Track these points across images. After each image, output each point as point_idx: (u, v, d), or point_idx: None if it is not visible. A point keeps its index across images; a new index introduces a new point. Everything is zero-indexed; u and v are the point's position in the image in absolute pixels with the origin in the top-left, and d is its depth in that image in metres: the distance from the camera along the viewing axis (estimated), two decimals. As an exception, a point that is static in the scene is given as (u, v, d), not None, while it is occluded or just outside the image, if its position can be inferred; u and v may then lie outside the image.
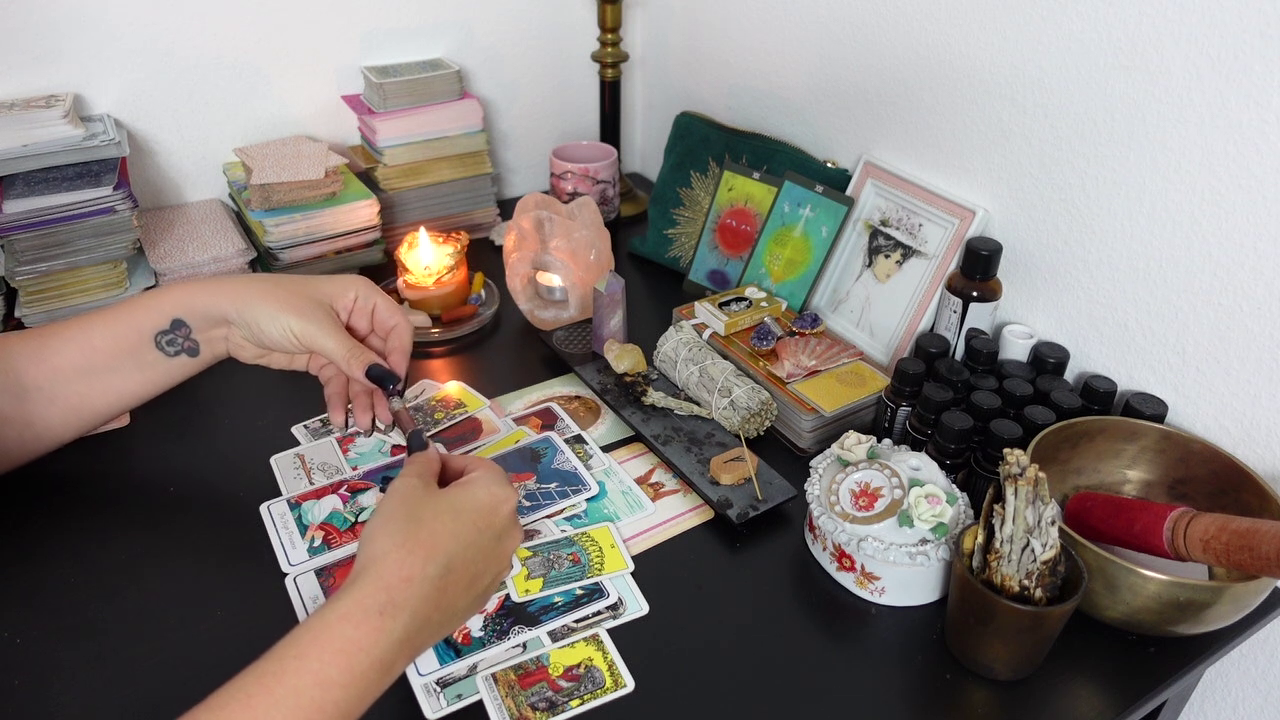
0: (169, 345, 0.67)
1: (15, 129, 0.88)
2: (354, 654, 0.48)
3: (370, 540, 0.53)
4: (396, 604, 0.50)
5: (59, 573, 0.66)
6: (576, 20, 1.26)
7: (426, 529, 0.54)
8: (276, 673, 0.46)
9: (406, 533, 0.53)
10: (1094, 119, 0.75)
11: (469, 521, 0.56)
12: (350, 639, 0.48)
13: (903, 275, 0.89)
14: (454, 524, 0.55)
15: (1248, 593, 0.59)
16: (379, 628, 0.49)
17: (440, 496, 0.56)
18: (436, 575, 0.53)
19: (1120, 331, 0.78)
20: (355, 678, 0.48)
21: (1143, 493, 0.72)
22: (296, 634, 0.48)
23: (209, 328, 0.68)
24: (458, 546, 0.54)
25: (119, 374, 0.67)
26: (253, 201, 0.97)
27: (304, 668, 0.47)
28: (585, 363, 0.89)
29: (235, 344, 0.69)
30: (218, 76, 1.06)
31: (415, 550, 0.52)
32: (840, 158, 1.02)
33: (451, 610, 0.55)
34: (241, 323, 0.66)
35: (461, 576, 0.54)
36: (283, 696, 0.45)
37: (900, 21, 0.89)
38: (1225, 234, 0.69)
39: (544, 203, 0.97)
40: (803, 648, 0.62)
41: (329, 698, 0.47)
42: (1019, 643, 0.58)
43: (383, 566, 0.51)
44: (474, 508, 0.57)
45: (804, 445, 0.81)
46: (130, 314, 0.67)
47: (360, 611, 0.49)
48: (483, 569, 0.56)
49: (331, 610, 0.49)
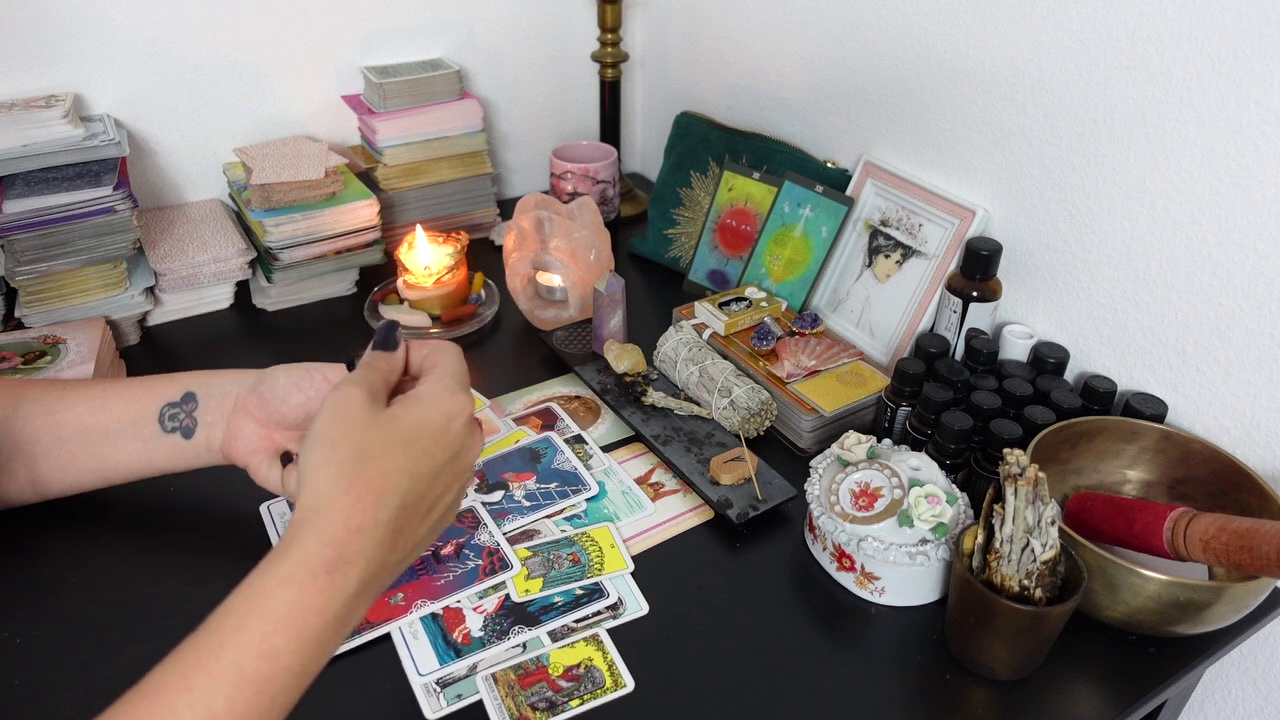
0: (169, 420, 0.63)
1: (15, 129, 0.88)
2: (302, 619, 0.43)
3: (310, 480, 0.47)
4: (347, 559, 0.45)
5: (59, 573, 0.66)
6: (576, 20, 1.26)
7: (376, 467, 0.48)
8: (214, 648, 0.41)
9: (353, 474, 0.47)
10: (1094, 119, 0.75)
11: (421, 449, 0.50)
12: (296, 603, 0.43)
13: (903, 275, 0.89)
14: (405, 457, 0.49)
15: (1248, 593, 0.59)
16: (329, 587, 0.44)
17: (387, 422, 0.50)
18: (390, 518, 0.47)
19: (1120, 331, 0.78)
20: (306, 642, 0.43)
21: (1143, 493, 0.72)
22: (232, 601, 0.43)
23: (215, 408, 0.63)
24: (411, 482, 0.49)
25: (112, 442, 0.64)
26: (253, 201, 0.97)
27: (244, 639, 0.42)
28: (585, 363, 0.89)
29: (233, 433, 0.62)
30: (218, 76, 1.06)
31: (365, 495, 0.47)
32: (840, 158, 1.02)
33: (412, 544, 0.50)
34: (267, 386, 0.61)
35: (418, 509, 0.50)
36: (223, 675, 0.41)
37: (900, 21, 0.89)
38: (1225, 234, 0.69)
39: (544, 203, 0.97)
40: (803, 648, 0.62)
41: (277, 667, 0.42)
42: (1019, 643, 0.58)
43: (327, 518, 0.46)
44: (425, 432, 0.50)
45: (804, 445, 0.81)
46: (152, 382, 0.65)
47: (305, 573, 0.44)
48: (441, 491, 0.52)
49: (271, 573, 0.44)
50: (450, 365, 0.54)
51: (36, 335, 0.85)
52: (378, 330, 0.56)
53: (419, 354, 0.56)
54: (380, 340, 0.55)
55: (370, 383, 0.52)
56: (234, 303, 1.02)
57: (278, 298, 1.01)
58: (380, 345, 0.55)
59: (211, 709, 0.40)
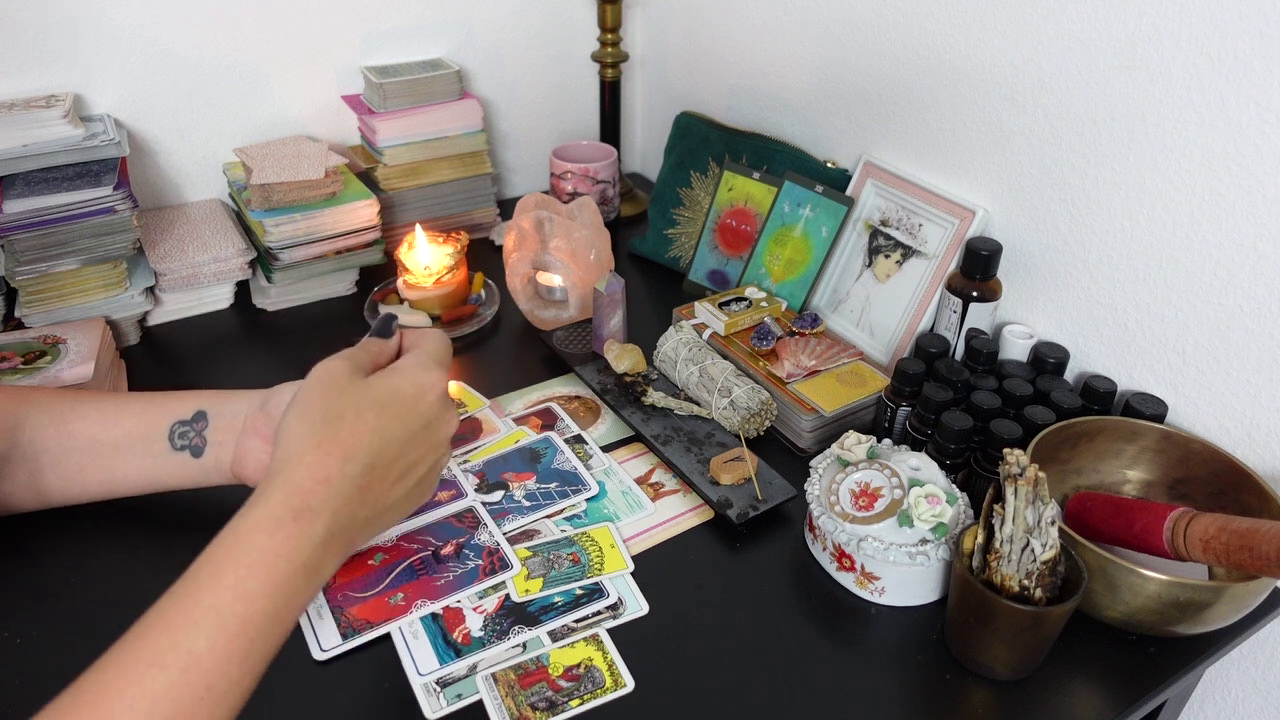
0: (179, 438, 0.64)
1: (15, 129, 0.88)
2: (273, 563, 0.46)
3: (285, 439, 0.51)
4: (312, 508, 0.49)
5: (59, 573, 0.66)
6: (576, 20, 1.26)
7: (347, 427, 0.51)
8: (193, 593, 0.44)
9: (324, 433, 0.51)
10: (1094, 119, 0.75)
11: (393, 414, 0.53)
12: (266, 548, 0.46)
13: (903, 275, 0.89)
14: (376, 420, 0.52)
15: (1248, 593, 0.59)
16: (296, 533, 0.47)
17: (363, 389, 0.54)
18: (358, 474, 0.51)
19: (1120, 331, 0.78)
20: (278, 586, 0.46)
21: (1143, 493, 0.72)
22: (210, 551, 0.46)
23: (226, 427, 0.64)
24: (380, 442, 0.52)
25: (122, 456, 0.65)
26: (253, 201, 0.97)
27: (220, 584, 0.45)
28: (585, 363, 0.89)
29: (243, 453, 0.64)
30: (218, 76, 1.06)
31: (333, 451, 0.50)
32: (840, 158, 1.02)
33: (383, 505, 0.53)
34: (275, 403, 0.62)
35: (389, 471, 0.53)
36: (202, 618, 0.43)
37: (900, 21, 0.89)
38: (1225, 234, 0.69)
39: (544, 203, 0.97)
40: (803, 648, 0.62)
41: (252, 610, 0.45)
42: (1019, 643, 0.58)
43: (295, 470, 0.49)
44: (397, 399, 0.54)
45: (804, 445, 0.81)
46: (164, 399, 0.66)
47: (272, 520, 0.47)
48: (414, 460, 0.55)
49: (243, 521, 0.47)
50: (430, 346, 0.58)
51: (36, 335, 0.85)
52: (377, 320, 0.60)
53: (408, 339, 0.60)
54: (378, 329, 0.59)
55: (355, 358, 0.55)
56: (234, 303, 1.02)
57: (278, 298, 1.01)
58: (377, 333, 0.59)
59: (193, 650, 0.42)
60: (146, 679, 0.41)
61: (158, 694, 0.41)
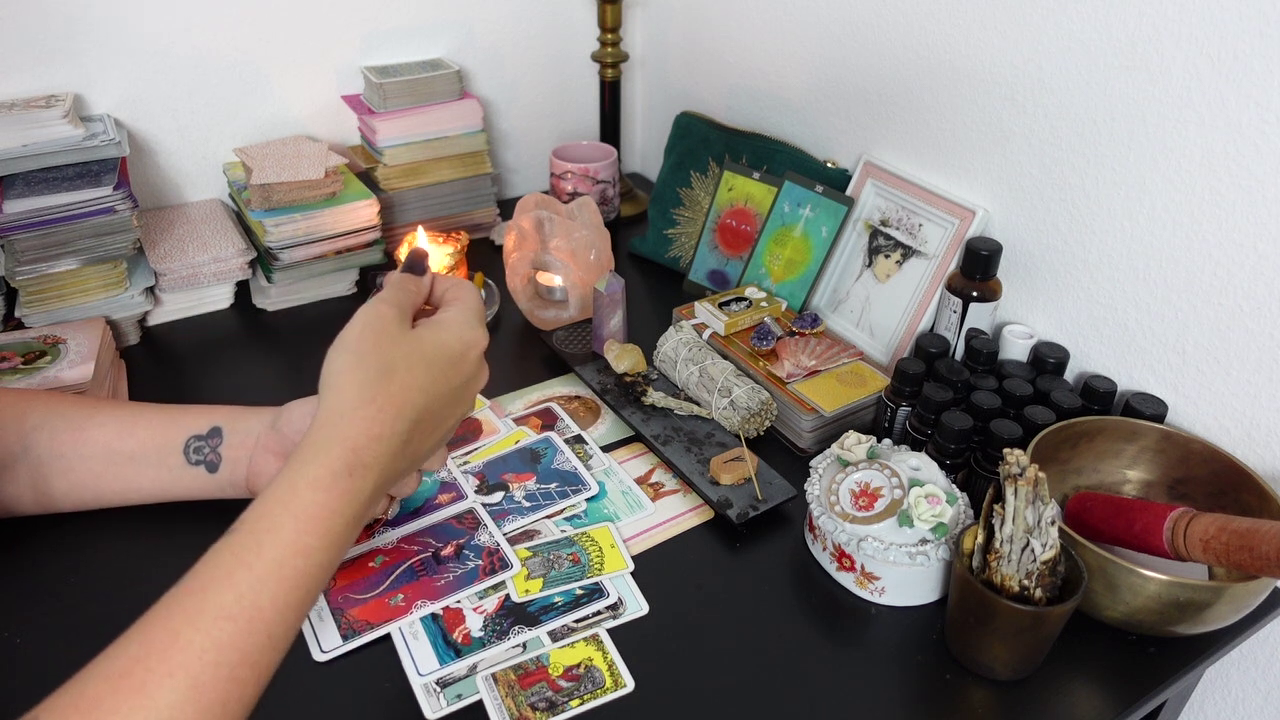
0: (194, 453, 0.65)
1: (15, 129, 0.88)
2: (328, 518, 0.47)
3: (337, 386, 0.51)
4: (365, 464, 0.50)
5: (59, 573, 0.66)
6: (576, 20, 1.26)
7: (400, 381, 0.52)
8: (254, 547, 0.45)
9: (379, 384, 0.51)
10: (1094, 119, 0.75)
11: (439, 371, 0.54)
12: (322, 504, 0.47)
13: (903, 275, 0.89)
14: (425, 376, 0.53)
15: (1248, 593, 0.59)
16: (349, 489, 0.49)
17: (413, 340, 0.54)
18: (405, 430, 0.52)
19: (1120, 331, 0.78)
20: (331, 540, 0.48)
21: (1143, 493, 0.72)
22: (265, 505, 0.47)
23: (240, 444, 0.65)
24: (426, 399, 0.53)
25: (137, 467, 0.65)
26: (253, 201, 0.97)
27: (281, 539, 0.46)
28: (585, 363, 0.89)
29: (257, 470, 0.65)
30: (218, 76, 1.06)
31: (386, 407, 0.51)
32: (840, 158, 1.02)
33: (416, 456, 0.55)
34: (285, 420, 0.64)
35: (428, 425, 0.54)
36: (266, 573, 0.45)
37: (900, 21, 0.89)
38: (1225, 234, 0.69)
39: (544, 203, 0.97)
40: (803, 648, 0.62)
41: (310, 563, 0.46)
42: (1019, 643, 0.58)
43: (351, 424, 0.50)
44: (446, 356, 0.55)
45: (804, 445, 0.81)
46: (180, 413, 0.67)
47: (330, 476, 0.48)
48: (448, 413, 0.56)
49: (300, 476, 0.48)
50: (471, 300, 0.59)
51: (36, 335, 0.85)
52: (407, 256, 0.59)
53: (441, 286, 0.60)
54: (409, 265, 0.59)
55: (400, 302, 0.56)
56: (234, 303, 1.02)
57: (278, 298, 1.01)
58: (409, 269, 0.59)
59: (258, 603, 0.44)
60: (215, 629, 0.43)
61: (224, 643, 0.43)
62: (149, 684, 0.40)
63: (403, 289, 0.57)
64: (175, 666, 0.41)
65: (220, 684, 0.42)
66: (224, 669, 0.42)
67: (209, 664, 0.42)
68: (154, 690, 0.40)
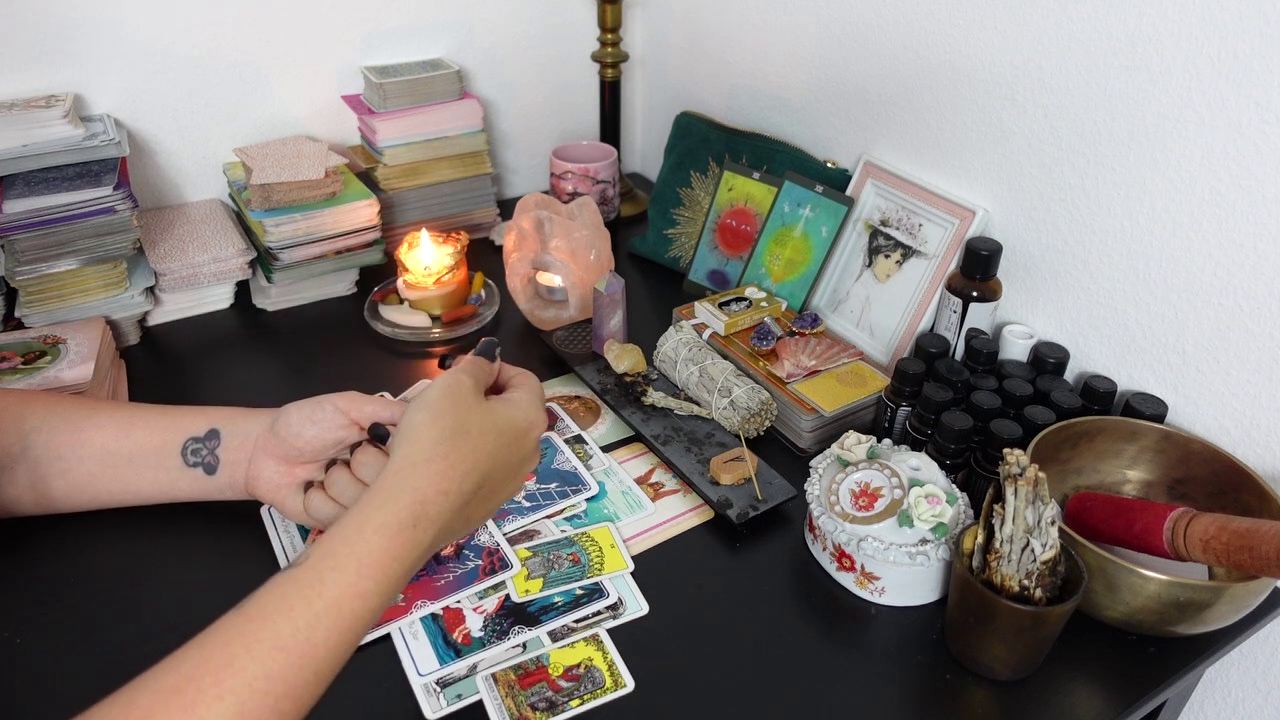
0: (192, 455, 0.65)
1: (15, 129, 0.88)
2: (387, 565, 0.49)
3: (413, 437, 0.54)
4: (429, 517, 0.51)
5: (59, 573, 0.66)
6: (576, 20, 1.26)
7: (471, 444, 0.55)
8: (315, 584, 0.46)
9: (452, 443, 0.54)
10: (1094, 119, 0.75)
11: (506, 443, 0.58)
12: (385, 550, 0.49)
13: (903, 275, 0.89)
14: (494, 444, 0.57)
15: (1248, 593, 0.59)
16: (411, 539, 0.50)
17: (487, 410, 0.58)
18: (469, 491, 0.54)
19: (1120, 331, 0.78)
20: (386, 587, 0.49)
21: (1143, 493, 0.72)
22: (331, 543, 0.49)
23: (238, 447, 0.65)
24: (491, 466, 0.56)
25: (134, 468, 0.66)
26: (253, 201, 0.97)
27: (342, 580, 0.47)
28: (585, 363, 0.89)
29: (255, 473, 0.65)
30: (218, 76, 1.06)
31: (458, 465, 0.53)
32: (840, 158, 1.02)
33: (469, 521, 0.57)
34: (282, 423, 0.63)
35: (486, 491, 0.57)
36: (324, 610, 0.46)
37: (900, 21, 0.89)
38: (1225, 234, 0.69)
39: (544, 203, 0.97)
40: (803, 648, 0.62)
41: (365, 608, 0.48)
42: (1019, 643, 0.58)
43: (422, 476, 0.52)
44: (513, 430, 0.59)
45: (804, 445, 0.81)
46: (177, 414, 0.67)
47: (395, 524, 0.50)
48: (503, 487, 0.60)
49: (368, 520, 0.50)
50: (536, 386, 0.64)
51: (36, 335, 0.85)
52: (481, 343, 0.65)
53: (508, 371, 0.65)
54: (482, 350, 0.64)
55: (476, 376, 0.60)
56: (234, 303, 1.02)
57: (278, 298, 1.01)
58: (482, 354, 0.63)
59: (312, 639, 0.45)
60: (268, 659, 0.44)
61: (275, 674, 0.44)
62: (199, 704, 0.41)
63: (477, 365, 0.61)
64: (226, 690, 0.42)
65: (264, 713, 0.43)
66: (270, 699, 0.43)
67: (258, 691, 0.43)
68: (203, 710, 0.41)
